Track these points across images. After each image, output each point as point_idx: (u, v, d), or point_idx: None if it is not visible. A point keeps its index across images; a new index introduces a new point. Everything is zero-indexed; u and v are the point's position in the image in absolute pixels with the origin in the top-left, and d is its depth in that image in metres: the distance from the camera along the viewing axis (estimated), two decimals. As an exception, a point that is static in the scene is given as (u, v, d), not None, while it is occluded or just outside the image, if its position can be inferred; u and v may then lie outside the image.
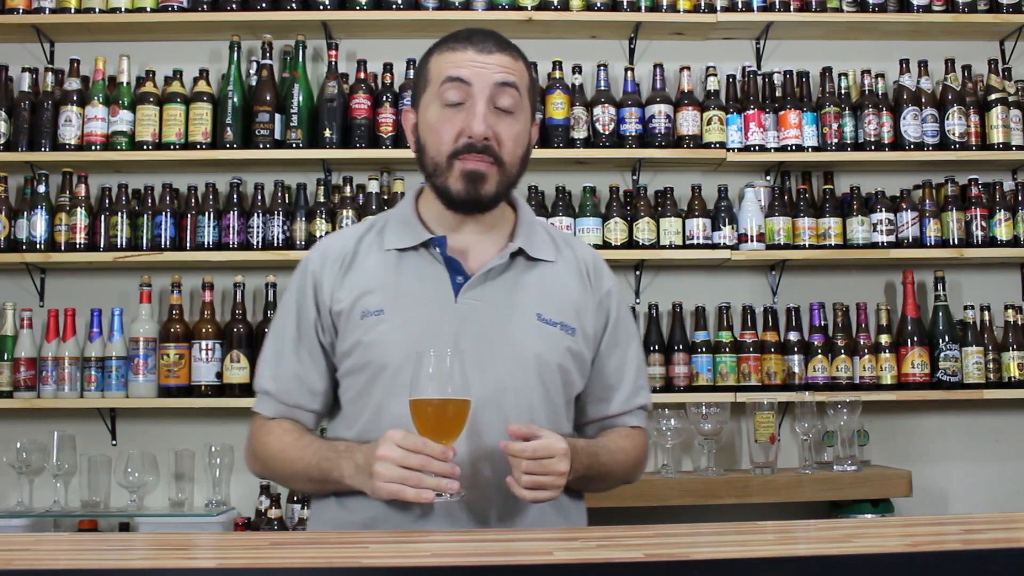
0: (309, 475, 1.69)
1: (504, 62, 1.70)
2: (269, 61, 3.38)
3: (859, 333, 3.37)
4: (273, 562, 1.23)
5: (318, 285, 1.75)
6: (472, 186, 1.68)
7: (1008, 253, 3.39)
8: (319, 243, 1.84)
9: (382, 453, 1.53)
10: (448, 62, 1.70)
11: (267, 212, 3.33)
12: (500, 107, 1.68)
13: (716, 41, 3.60)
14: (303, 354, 1.75)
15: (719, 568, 1.17)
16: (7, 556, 1.25)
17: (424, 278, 1.72)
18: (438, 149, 1.69)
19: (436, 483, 1.49)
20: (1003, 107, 3.41)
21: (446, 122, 1.68)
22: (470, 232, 1.75)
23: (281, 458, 1.73)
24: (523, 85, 1.72)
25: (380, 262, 1.74)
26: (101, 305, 3.33)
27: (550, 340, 1.71)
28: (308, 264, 1.78)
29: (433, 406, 1.51)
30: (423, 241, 1.73)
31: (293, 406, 1.76)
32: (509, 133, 1.69)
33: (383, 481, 1.52)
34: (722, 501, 3.07)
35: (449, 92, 1.68)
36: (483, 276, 1.71)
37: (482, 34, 1.73)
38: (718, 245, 3.37)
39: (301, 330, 1.76)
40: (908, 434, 3.51)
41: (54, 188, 3.39)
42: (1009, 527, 1.45)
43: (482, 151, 1.66)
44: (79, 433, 3.33)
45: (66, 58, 3.38)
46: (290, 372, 1.75)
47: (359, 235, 1.79)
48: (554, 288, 1.75)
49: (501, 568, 1.18)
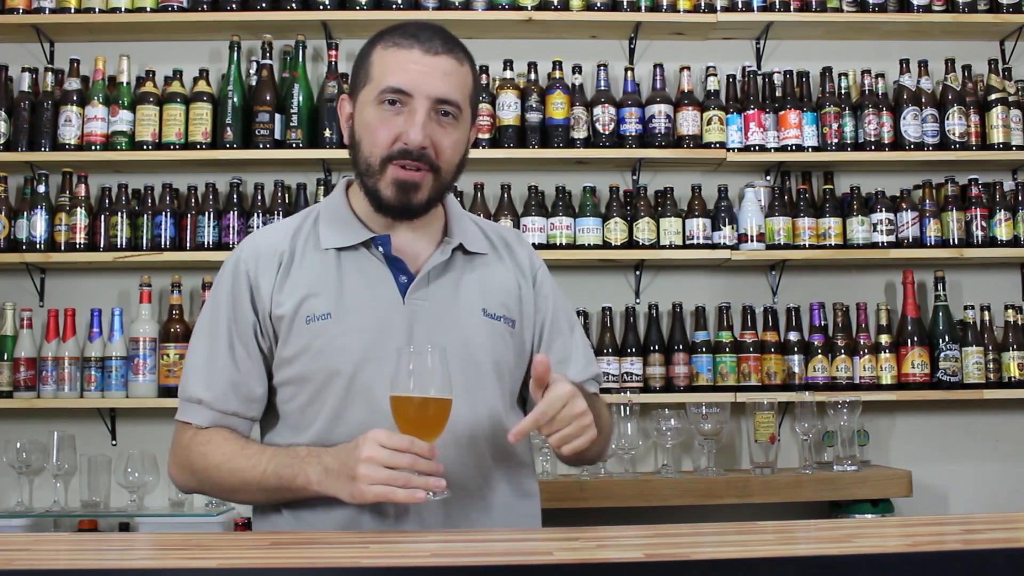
0: (263, 484, 1.59)
1: (449, 67, 1.64)
2: (269, 61, 3.38)
3: (859, 333, 3.37)
4: (273, 562, 1.23)
5: (255, 287, 1.68)
6: (404, 195, 1.64)
7: (1008, 253, 3.39)
8: (248, 240, 1.76)
9: (368, 454, 1.47)
10: (392, 61, 1.63)
11: (267, 212, 3.33)
12: (440, 113, 1.64)
13: (716, 41, 3.60)
14: (241, 359, 1.67)
15: (719, 568, 1.17)
16: (7, 556, 1.25)
17: (368, 279, 1.67)
18: (372, 151, 1.64)
19: (424, 482, 1.46)
20: (1003, 107, 3.41)
21: (383, 123, 1.63)
22: (405, 230, 1.71)
23: (226, 468, 1.62)
24: (464, 95, 1.67)
25: (320, 262, 1.68)
26: (101, 305, 3.33)
27: (496, 335, 1.71)
28: (240, 263, 1.70)
29: (416, 404, 1.48)
30: (363, 240, 1.69)
31: (230, 414, 1.67)
32: (448, 141, 1.65)
33: (369, 483, 1.47)
34: (722, 501, 3.07)
35: (388, 94, 1.63)
36: (427, 275, 1.69)
37: (429, 31, 1.66)
38: (718, 245, 3.37)
39: (238, 333, 1.67)
40: (908, 434, 3.51)
41: (54, 188, 3.39)
42: (1009, 527, 1.45)
43: (418, 159, 1.62)
44: (79, 433, 3.33)
45: (66, 58, 3.38)
46: (226, 378, 1.66)
47: (292, 231, 1.72)
48: (493, 282, 1.75)
49: (501, 568, 1.18)
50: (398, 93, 1.62)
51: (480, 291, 1.73)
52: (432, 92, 1.62)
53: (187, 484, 1.72)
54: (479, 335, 1.69)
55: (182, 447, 1.69)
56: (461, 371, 1.60)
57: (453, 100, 1.64)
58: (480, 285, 1.73)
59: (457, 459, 1.63)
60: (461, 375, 1.59)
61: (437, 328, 1.66)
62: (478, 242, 1.77)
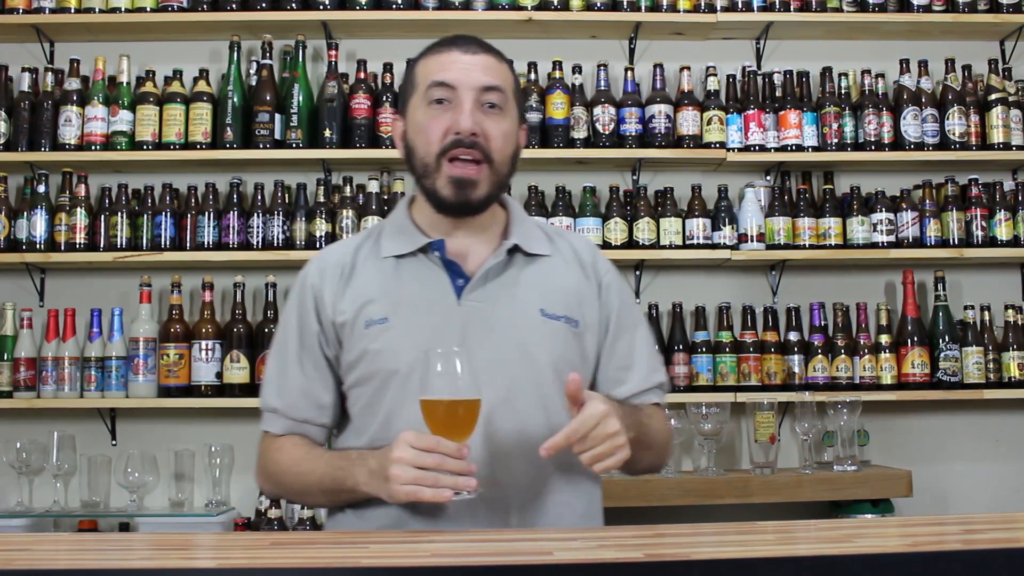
0: (323, 486, 1.68)
1: (488, 63, 1.71)
2: (269, 61, 3.38)
3: (859, 333, 3.37)
4: (273, 562, 1.23)
5: (319, 298, 1.74)
6: (462, 191, 1.68)
7: (1008, 253, 3.39)
8: (316, 256, 1.83)
9: (397, 455, 1.51)
10: (434, 64, 1.71)
11: (267, 212, 3.33)
12: (487, 105, 1.69)
13: (716, 41, 3.60)
14: (308, 368, 1.75)
15: (719, 568, 1.17)
16: (7, 556, 1.25)
17: (425, 283, 1.72)
18: (427, 149, 1.69)
19: (453, 481, 1.48)
20: (1003, 107, 3.41)
21: (433, 120, 1.68)
22: (464, 235, 1.75)
23: (293, 472, 1.72)
24: (508, 86, 1.72)
25: (379, 270, 1.74)
26: (101, 305, 3.33)
27: (555, 334, 1.71)
28: (307, 278, 1.78)
29: (444, 405, 1.50)
30: (421, 246, 1.73)
31: (302, 421, 1.75)
32: (497, 129, 1.69)
33: (400, 484, 1.50)
34: (722, 501, 3.07)
35: (435, 92, 1.69)
36: (483, 276, 1.71)
37: (465, 38, 1.74)
38: (718, 245, 3.37)
39: (304, 344, 1.75)
40: (908, 434, 3.51)
41: (54, 188, 3.39)
42: (1009, 527, 1.45)
43: (470, 147, 1.66)
44: (79, 433, 3.33)
45: (66, 58, 3.38)
46: (296, 387, 1.75)
47: (356, 245, 1.79)
48: (553, 282, 1.75)
49: (501, 568, 1.18)
50: (443, 87, 1.68)
51: (539, 291, 1.73)
52: (475, 82, 1.68)
53: (267, 488, 1.83)
54: (536, 335, 1.70)
55: (262, 454, 1.79)
56: (519, 371, 1.66)
57: (497, 85, 1.69)
58: (539, 285, 1.74)
59: (512, 459, 1.64)
60: (519, 375, 1.65)
61: (492, 329, 1.67)
62: (539, 244, 1.77)
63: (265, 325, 3.27)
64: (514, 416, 1.64)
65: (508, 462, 1.64)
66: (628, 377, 1.78)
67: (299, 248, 3.29)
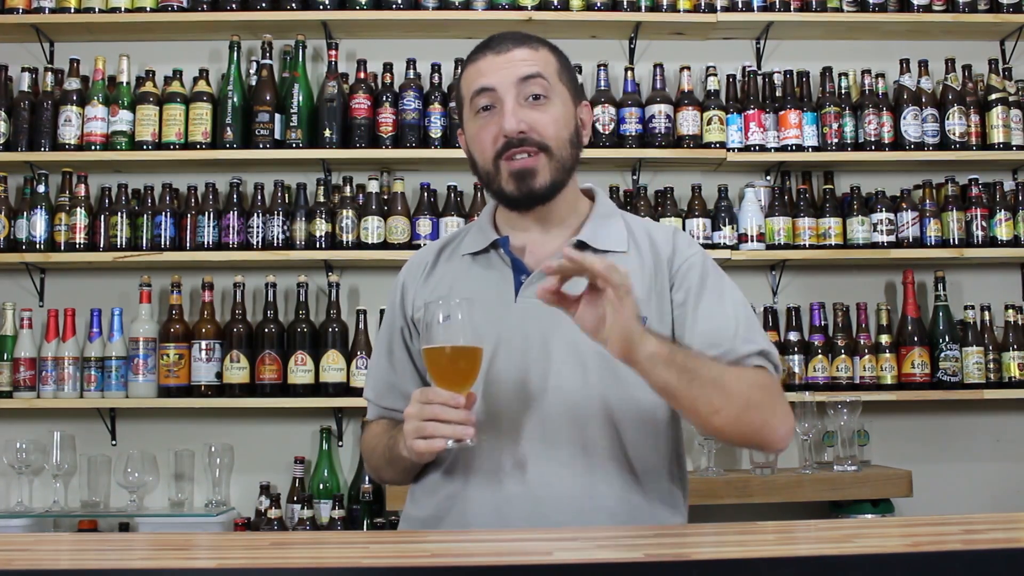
0: (386, 458, 1.75)
1: (523, 55, 1.71)
2: (269, 61, 3.38)
3: (859, 333, 3.37)
4: (273, 562, 1.23)
5: (404, 294, 1.83)
6: (523, 183, 1.69)
7: (1008, 253, 3.39)
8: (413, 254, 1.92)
9: (406, 411, 1.58)
10: (473, 74, 1.74)
11: (267, 212, 3.33)
12: (530, 97, 1.69)
13: (716, 41, 3.60)
14: (395, 360, 1.82)
15: (719, 568, 1.17)
16: (7, 556, 1.25)
17: (489, 279, 1.75)
18: (483, 157, 1.72)
19: (451, 431, 1.51)
20: (1003, 107, 3.41)
21: (482, 129, 1.71)
22: (537, 230, 1.76)
23: (370, 450, 1.83)
24: (550, 71, 1.72)
25: (455, 268, 1.80)
26: (101, 305, 3.33)
27: None
28: (400, 275, 1.87)
29: (442, 354, 1.54)
30: (491, 243, 1.76)
31: (389, 409, 1.83)
32: (546, 118, 1.69)
33: (409, 438, 1.56)
34: (722, 501, 3.07)
35: (478, 101, 1.71)
36: (543, 273, 1.69)
37: (499, 37, 1.75)
38: (718, 245, 3.37)
39: (391, 338, 1.84)
40: (908, 434, 3.51)
41: (54, 188, 3.39)
42: (1009, 527, 1.45)
43: (520, 144, 1.67)
44: (79, 433, 3.33)
45: (66, 58, 3.38)
46: (383, 378, 1.84)
47: (443, 244, 1.86)
48: None
49: (501, 568, 1.17)
50: (484, 92, 1.70)
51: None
52: (513, 78, 1.69)
53: (368, 471, 1.97)
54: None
55: (361, 439, 1.90)
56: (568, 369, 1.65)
57: (534, 73, 1.69)
58: None
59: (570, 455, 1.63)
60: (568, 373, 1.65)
61: (546, 326, 1.67)
62: (613, 240, 1.75)
63: (265, 325, 3.27)
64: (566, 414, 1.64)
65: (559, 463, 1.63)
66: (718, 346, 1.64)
67: (299, 248, 3.29)
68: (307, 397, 3.23)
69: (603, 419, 1.66)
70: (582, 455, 1.65)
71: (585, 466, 1.64)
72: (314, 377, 3.24)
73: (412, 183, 3.45)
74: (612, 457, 1.66)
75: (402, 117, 3.35)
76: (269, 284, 3.31)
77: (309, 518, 3.11)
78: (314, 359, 3.25)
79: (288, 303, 3.40)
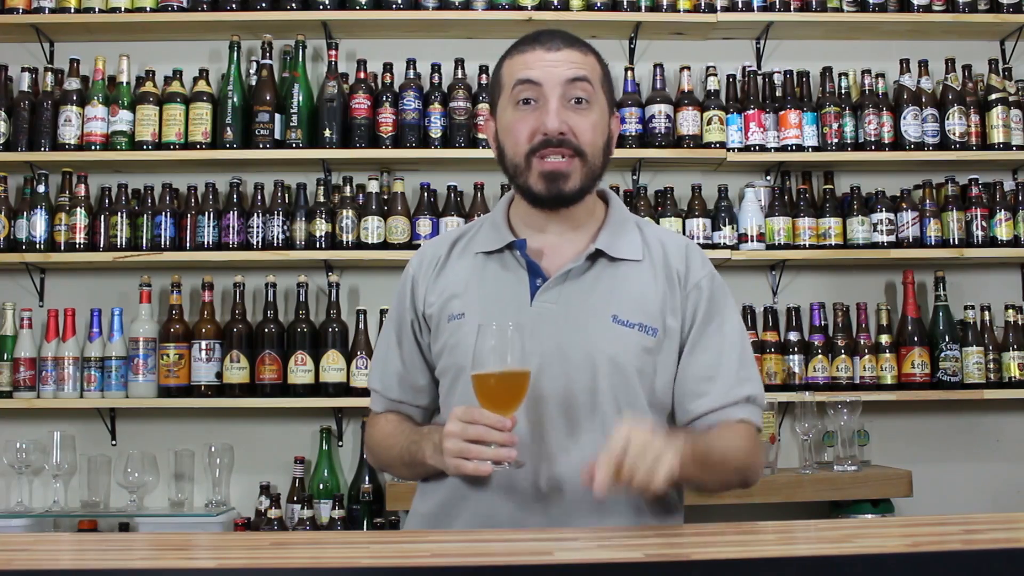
0: (402, 459, 1.75)
1: (573, 58, 1.71)
2: (269, 61, 3.37)
3: (859, 333, 3.37)
4: (273, 562, 1.23)
5: (415, 288, 1.81)
6: (554, 184, 1.68)
7: (1008, 253, 3.39)
8: (423, 245, 1.90)
9: (448, 429, 1.56)
10: (519, 64, 1.71)
11: (267, 212, 3.32)
12: (573, 100, 1.69)
13: (716, 41, 3.60)
14: (405, 352, 1.81)
15: (719, 568, 1.17)
16: (7, 556, 1.25)
17: (504, 281, 1.73)
18: (515, 150, 1.70)
19: (495, 453, 1.52)
20: (1003, 107, 3.40)
21: (520, 121, 1.69)
22: (555, 232, 1.75)
23: (383, 445, 1.81)
24: (595, 78, 1.72)
25: (468, 266, 1.77)
26: (101, 305, 3.33)
27: (626, 342, 1.67)
28: (409, 267, 1.85)
29: (493, 379, 1.54)
30: (507, 243, 1.74)
31: (398, 402, 1.83)
32: (586, 123, 1.69)
33: (450, 456, 1.55)
34: (722, 501, 3.07)
35: (522, 93, 1.69)
36: (560, 278, 1.70)
37: (549, 33, 1.74)
38: (718, 245, 3.36)
39: (401, 331, 1.82)
40: (908, 434, 3.51)
41: (54, 188, 3.39)
42: (1009, 527, 1.45)
43: (559, 145, 1.67)
44: (79, 433, 3.33)
45: (66, 58, 3.38)
46: (393, 370, 1.82)
47: (455, 238, 1.83)
48: (633, 288, 1.71)
49: (501, 568, 1.18)
50: (529, 84, 1.68)
51: (616, 297, 1.70)
52: (561, 77, 1.68)
53: (371, 461, 1.93)
54: (603, 340, 1.67)
55: (366, 429, 1.91)
56: (579, 376, 1.65)
57: (582, 76, 1.69)
58: (617, 291, 1.71)
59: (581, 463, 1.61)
60: (578, 380, 1.65)
61: (559, 332, 1.67)
62: (629, 248, 1.75)
63: (265, 325, 3.27)
64: (568, 421, 1.64)
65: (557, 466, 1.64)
66: (709, 389, 1.70)
67: (299, 248, 3.29)
68: (307, 397, 3.23)
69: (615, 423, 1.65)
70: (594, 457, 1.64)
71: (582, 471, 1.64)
72: (314, 377, 3.24)
73: (412, 183, 3.45)
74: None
75: (402, 117, 3.35)
76: (269, 284, 3.31)
77: (309, 518, 3.11)
78: (314, 359, 3.25)
79: (288, 303, 3.40)
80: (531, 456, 1.63)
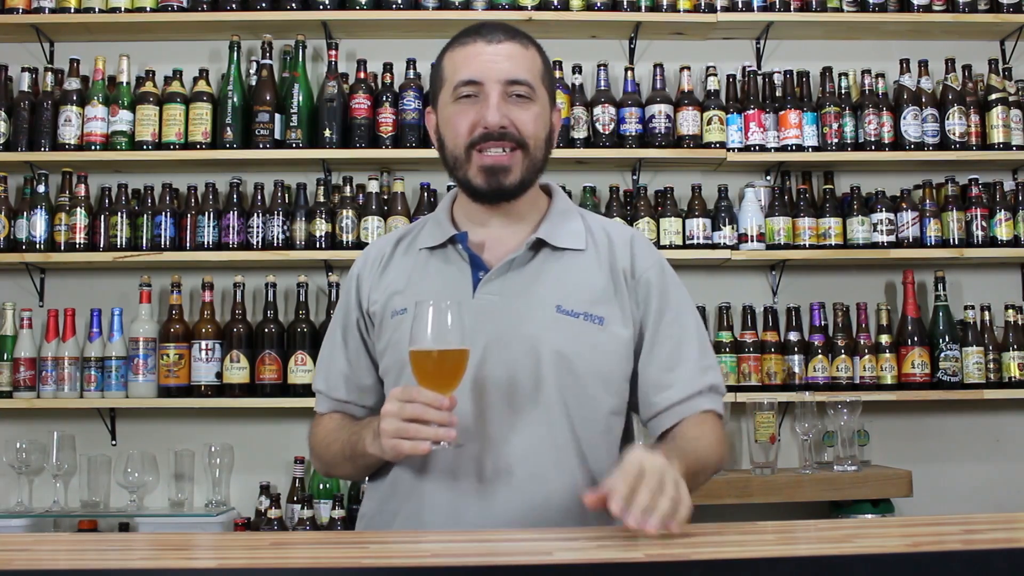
0: (344, 454, 1.72)
1: (513, 51, 1.71)
2: (269, 61, 3.38)
3: (859, 333, 3.37)
4: (273, 562, 1.23)
5: (360, 286, 1.81)
6: (494, 178, 1.68)
7: (1008, 253, 3.39)
8: (368, 245, 1.91)
9: (385, 409, 1.53)
10: (459, 57, 1.72)
11: (267, 212, 3.33)
12: (514, 95, 1.69)
13: (716, 41, 3.60)
14: (351, 352, 1.81)
15: (719, 568, 1.17)
16: (7, 556, 1.25)
17: (447, 275, 1.73)
18: (455, 142, 1.70)
19: (434, 432, 1.48)
20: (1003, 107, 3.40)
21: (460, 115, 1.68)
22: (497, 225, 1.75)
23: (324, 444, 1.79)
24: (535, 73, 1.72)
25: (411, 263, 1.77)
26: (101, 305, 3.33)
27: (570, 332, 1.67)
28: (355, 266, 1.84)
29: (430, 355, 1.51)
30: (449, 238, 1.74)
31: (344, 402, 1.82)
32: (527, 116, 1.69)
33: (386, 437, 1.52)
34: (722, 501, 3.07)
35: (462, 89, 1.69)
36: (502, 269, 1.70)
37: (490, 26, 1.75)
38: (718, 245, 3.37)
39: (347, 330, 1.81)
40: (908, 434, 3.51)
41: (54, 188, 3.39)
42: (1009, 527, 1.45)
43: (500, 138, 1.66)
44: (79, 433, 3.33)
45: (66, 58, 3.38)
46: (338, 370, 1.82)
47: (399, 236, 1.84)
48: (578, 278, 1.71)
49: (501, 568, 1.18)
50: (470, 84, 1.69)
51: (559, 286, 1.70)
52: (501, 75, 1.68)
53: (314, 464, 1.88)
54: (547, 331, 1.67)
55: (310, 431, 1.88)
56: (522, 367, 1.65)
57: (522, 79, 1.69)
58: (560, 280, 1.71)
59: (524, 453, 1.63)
60: (521, 371, 1.64)
61: (502, 323, 1.66)
62: (571, 237, 1.74)
63: (265, 325, 3.27)
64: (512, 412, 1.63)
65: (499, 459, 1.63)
66: (672, 380, 1.71)
67: (299, 248, 3.29)
68: (307, 397, 3.23)
69: (559, 415, 1.66)
70: (537, 451, 1.64)
71: (539, 462, 1.64)
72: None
73: (412, 183, 3.45)
74: (567, 453, 1.66)
75: (402, 117, 3.35)
76: (269, 284, 3.31)
77: (309, 518, 3.11)
78: (314, 359, 3.24)
79: (288, 303, 3.40)
80: (475, 444, 1.61)
